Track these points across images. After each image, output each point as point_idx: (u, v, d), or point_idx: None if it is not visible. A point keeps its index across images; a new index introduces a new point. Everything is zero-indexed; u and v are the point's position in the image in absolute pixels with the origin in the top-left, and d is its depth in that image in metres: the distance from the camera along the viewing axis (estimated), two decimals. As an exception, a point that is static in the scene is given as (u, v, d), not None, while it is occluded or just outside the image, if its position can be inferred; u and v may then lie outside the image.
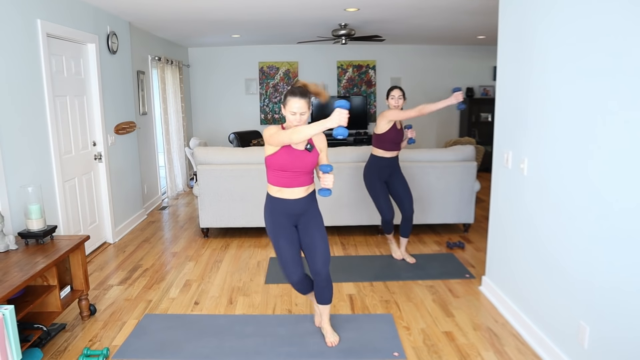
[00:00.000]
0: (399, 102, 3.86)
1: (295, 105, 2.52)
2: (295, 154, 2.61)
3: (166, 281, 3.89)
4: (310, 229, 2.75)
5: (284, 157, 2.60)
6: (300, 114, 2.54)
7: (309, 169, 2.66)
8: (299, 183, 2.66)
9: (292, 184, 2.66)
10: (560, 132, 2.52)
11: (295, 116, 2.54)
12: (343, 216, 4.83)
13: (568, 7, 2.42)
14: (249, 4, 4.71)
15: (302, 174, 2.65)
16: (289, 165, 2.61)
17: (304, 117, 2.56)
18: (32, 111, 3.58)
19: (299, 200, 2.69)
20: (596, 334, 2.24)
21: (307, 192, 2.72)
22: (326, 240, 2.77)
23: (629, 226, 2.01)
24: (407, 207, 4.08)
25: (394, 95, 3.86)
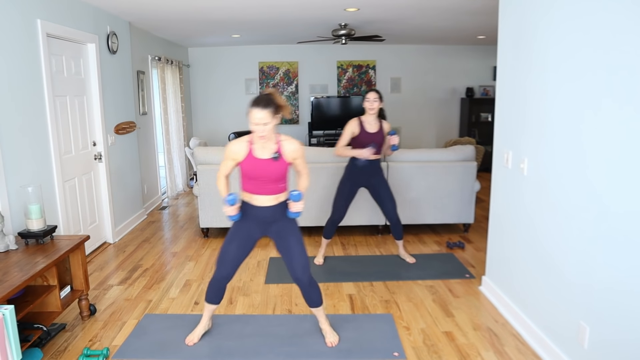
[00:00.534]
0: (374, 105, 3.81)
1: (257, 115, 2.46)
2: (259, 163, 2.59)
3: (166, 281, 3.89)
4: (285, 236, 2.74)
5: (247, 165, 2.60)
6: (264, 124, 2.48)
7: (277, 178, 2.62)
8: (267, 191, 2.64)
9: (260, 192, 2.64)
10: (559, 132, 2.52)
11: (258, 127, 2.49)
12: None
13: (567, 5, 2.42)
14: (249, 4, 4.71)
15: (269, 182, 2.62)
16: (253, 174, 2.60)
17: (267, 128, 2.49)
18: (32, 111, 3.58)
19: (268, 208, 2.68)
20: (596, 334, 2.24)
21: (278, 200, 2.69)
22: (302, 245, 2.76)
23: (628, 226, 2.01)
24: (391, 212, 4.03)
25: (369, 98, 3.81)
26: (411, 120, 9.00)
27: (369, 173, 3.96)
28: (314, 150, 4.85)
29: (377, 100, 3.81)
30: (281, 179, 2.66)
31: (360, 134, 3.89)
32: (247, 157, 2.60)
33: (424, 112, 9.01)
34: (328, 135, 8.55)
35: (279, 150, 2.61)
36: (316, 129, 8.57)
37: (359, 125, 3.89)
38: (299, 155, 2.68)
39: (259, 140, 2.57)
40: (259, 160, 2.59)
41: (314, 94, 8.75)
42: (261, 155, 2.59)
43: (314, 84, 8.80)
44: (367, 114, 3.88)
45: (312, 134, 8.57)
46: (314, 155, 4.82)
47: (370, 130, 3.88)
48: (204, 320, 2.97)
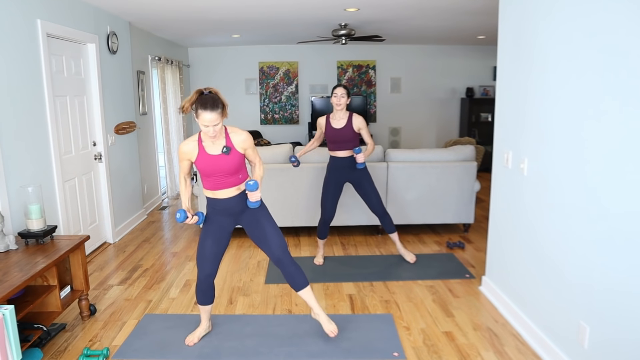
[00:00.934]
0: (341, 101, 3.80)
1: (207, 117, 2.46)
2: (212, 159, 2.58)
3: (166, 281, 3.89)
4: (257, 220, 2.75)
5: (201, 163, 2.59)
6: (214, 126, 2.49)
7: (233, 170, 2.62)
8: (227, 185, 2.64)
9: (221, 187, 2.64)
10: (559, 132, 2.52)
11: (208, 128, 2.50)
12: (343, 216, 4.83)
13: (568, 5, 2.42)
14: (249, 3, 4.71)
15: (227, 176, 2.62)
16: (209, 170, 2.60)
17: (217, 128, 2.51)
18: (32, 111, 3.58)
19: (233, 199, 2.68)
20: (596, 334, 2.24)
21: (240, 190, 2.69)
22: (275, 225, 2.79)
23: (628, 226, 2.01)
24: (375, 205, 4.01)
25: (337, 94, 3.81)
26: (411, 120, 9.00)
27: (349, 168, 3.96)
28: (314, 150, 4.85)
29: (344, 96, 3.81)
30: (238, 170, 2.65)
31: (326, 129, 3.92)
32: (199, 155, 2.60)
33: (424, 112, 9.01)
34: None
35: (229, 143, 2.61)
36: (316, 129, 8.56)
37: (325, 121, 3.92)
38: (249, 145, 2.67)
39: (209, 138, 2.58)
40: (211, 157, 2.59)
41: (314, 94, 8.75)
42: (212, 151, 2.60)
43: (314, 84, 8.80)
44: (334, 109, 3.88)
45: (312, 134, 8.57)
46: (314, 154, 4.82)
47: (335, 126, 3.88)
48: (204, 323, 2.97)
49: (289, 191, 4.76)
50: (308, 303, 2.91)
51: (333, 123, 3.89)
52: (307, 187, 4.77)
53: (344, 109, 3.86)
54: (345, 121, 3.86)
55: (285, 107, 8.84)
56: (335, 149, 3.93)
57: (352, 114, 3.88)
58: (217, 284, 3.80)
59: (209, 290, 2.85)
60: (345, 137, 3.86)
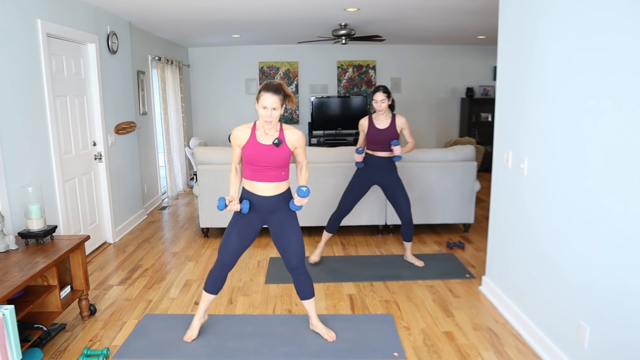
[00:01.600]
0: (382, 106, 3.78)
1: (268, 100, 2.53)
2: (261, 148, 2.62)
3: (166, 281, 3.89)
4: (284, 228, 2.78)
5: (249, 150, 2.63)
6: (272, 109, 2.53)
7: (279, 164, 2.65)
8: (269, 178, 2.66)
9: (262, 178, 2.66)
10: (559, 131, 2.52)
11: (266, 110, 2.54)
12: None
13: (568, 5, 2.41)
14: (249, 3, 4.71)
15: (270, 169, 2.65)
16: (255, 159, 2.63)
17: (275, 113, 2.55)
18: (32, 111, 3.58)
19: (269, 198, 2.70)
20: (596, 334, 2.24)
21: (278, 190, 2.71)
22: (300, 238, 2.81)
23: (628, 226, 2.01)
24: (405, 210, 3.99)
25: (376, 100, 3.79)
26: (411, 120, 8.95)
27: (382, 171, 3.95)
28: (314, 150, 4.86)
29: (384, 101, 3.79)
30: (282, 166, 2.67)
31: (369, 130, 3.90)
32: (249, 141, 2.63)
33: (424, 112, 9.01)
34: (328, 135, 8.56)
35: (282, 137, 2.64)
36: (316, 129, 8.57)
37: (368, 122, 3.91)
38: (300, 145, 2.71)
39: (263, 125, 2.60)
40: (261, 145, 2.62)
41: (314, 94, 8.75)
42: (263, 140, 2.63)
43: (314, 84, 8.80)
44: (377, 112, 3.89)
45: (312, 134, 8.57)
46: (314, 154, 4.82)
47: (379, 127, 3.89)
48: (199, 312, 2.96)
49: (289, 191, 4.75)
50: (308, 313, 2.97)
51: (377, 124, 3.89)
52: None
53: (387, 111, 3.87)
54: (389, 122, 3.88)
55: (285, 107, 8.82)
56: (376, 150, 3.93)
57: (394, 115, 3.90)
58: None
59: (220, 280, 2.86)
60: (389, 137, 3.87)
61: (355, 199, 4.04)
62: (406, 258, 4.22)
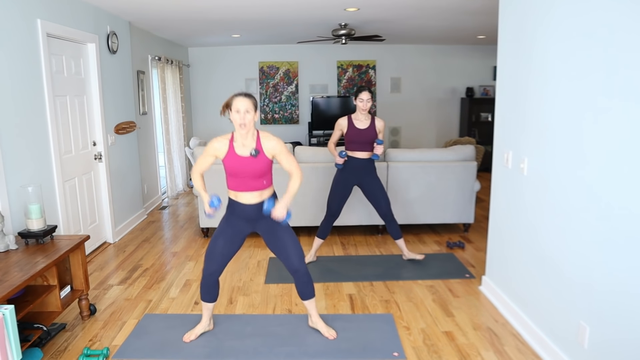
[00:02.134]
0: (367, 105, 3.80)
1: (240, 102, 2.55)
2: (240, 160, 2.63)
3: (166, 281, 3.89)
4: (276, 231, 2.78)
5: (229, 162, 2.65)
6: (245, 112, 2.54)
7: (259, 174, 2.65)
8: (251, 187, 2.68)
9: (244, 189, 2.68)
10: (559, 131, 2.52)
11: (239, 114, 2.55)
12: (343, 216, 4.82)
13: (567, 4, 2.41)
14: (249, 3, 4.71)
15: (251, 179, 2.66)
16: (236, 170, 2.64)
17: (248, 116, 2.55)
18: (32, 111, 3.58)
19: (253, 206, 2.72)
20: (596, 334, 2.24)
21: (262, 197, 2.72)
22: (295, 237, 2.82)
23: (628, 226, 2.01)
24: (385, 209, 3.98)
25: (363, 98, 3.80)
26: (411, 120, 9.00)
27: (361, 171, 3.95)
28: (314, 149, 4.86)
29: (370, 101, 3.83)
30: (263, 175, 2.68)
31: (349, 130, 3.91)
32: (227, 153, 2.65)
33: (424, 112, 9.01)
34: (328, 135, 8.55)
35: (259, 146, 2.65)
36: (316, 128, 8.57)
37: (347, 122, 3.91)
38: (279, 151, 2.68)
39: (239, 132, 2.61)
40: (240, 157, 2.63)
41: (314, 94, 8.75)
42: (241, 152, 2.64)
43: (314, 84, 8.80)
44: (358, 112, 3.89)
45: (312, 133, 8.57)
46: (311, 155, 4.82)
47: (359, 127, 3.89)
48: (204, 320, 2.97)
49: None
50: (309, 311, 2.98)
51: (356, 124, 3.90)
52: (308, 187, 4.77)
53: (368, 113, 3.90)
54: (369, 122, 3.90)
55: (285, 107, 8.84)
56: (355, 149, 3.93)
57: (374, 117, 3.93)
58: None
59: (213, 288, 2.86)
60: (368, 138, 3.88)
61: (341, 202, 4.03)
62: (405, 257, 4.22)
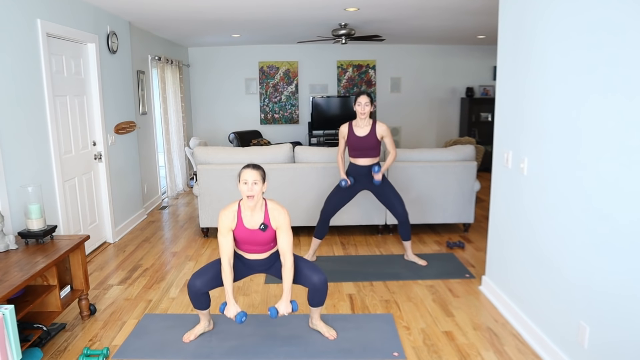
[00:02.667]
0: (365, 110, 3.77)
1: (248, 174, 2.60)
2: (248, 232, 2.71)
3: (166, 281, 3.89)
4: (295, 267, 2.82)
5: (238, 234, 2.73)
6: (253, 183, 2.59)
7: (267, 242, 2.75)
8: (259, 251, 2.79)
9: (252, 252, 2.79)
10: (559, 131, 2.52)
11: (247, 185, 2.60)
12: (343, 216, 4.83)
13: (567, 4, 2.41)
14: (249, 3, 4.71)
15: (261, 245, 2.76)
16: (245, 240, 2.74)
17: (256, 188, 2.60)
18: (32, 111, 3.58)
19: (260, 261, 2.83)
20: (596, 334, 2.24)
21: (270, 253, 2.82)
22: (308, 262, 2.86)
23: (627, 227, 2.01)
24: (400, 211, 3.98)
25: (361, 102, 3.77)
26: (411, 120, 9.00)
27: (365, 177, 3.95)
28: (314, 149, 4.85)
29: (368, 105, 3.78)
30: (272, 241, 2.78)
31: (349, 137, 3.88)
32: (237, 226, 2.73)
33: (424, 112, 9.01)
34: (328, 135, 8.56)
35: (267, 219, 2.70)
36: (316, 128, 8.58)
37: (348, 129, 3.88)
38: (283, 226, 2.71)
39: (247, 204, 2.65)
40: (248, 230, 2.71)
41: (314, 94, 8.75)
42: (250, 225, 2.71)
43: (314, 84, 8.80)
44: (357, 117, 3.86)
45: (312, 133, 8.57)
46: (311, 155, 4.82)
47: (359, 134, 3.86)
48: (203, 322, 2.98)
49: (288, 191, 4.75)
50: (312, 314, 2.99)
51: (356, 131, 3.86)
52: (307, 187, 4.77)
53: (368, 117, 3.84)
54: (368, 129, 3.85)
55: (285, 107, 8.84)
56: (357, 156, 3.91)
57: (375, 122, 3.87)
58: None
59: (200, 298, 2.83)
60: (369, 145, 3.85)
61: (338, 205, 4.03)
62: (407, 258, 4.22)
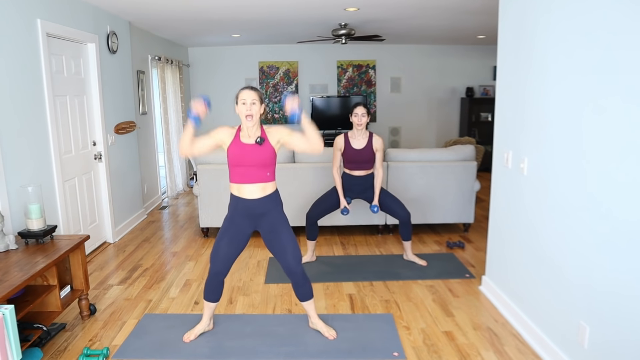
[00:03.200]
0: (362, 121, 3.76)
1: (246, 94, 2.62)
2: (245, 148, 2.67)
3: (166, 281, 3.89)
4: (277, 231, 2.79)
5: (234, 150, 2.68)
6: (252, 103, 2.61)
7: (263, 163, 2.68)
8: (254, 179, 2.70)
9: (247, 180, 2.70)
10: (559, 131, 2.52)
11: (246, 105, 2.61)
12: (343, 216, 4.82)
13: (567, 4, 2.41)
14: (249, 3, 4.71)
15: (255, 168, 2.68)
16: (240, 160, 2.67)
17: (255, 108, 2.62)
18: (32, 111, 3.58)
19: (257, 201, 2.74)
20: (596, 334, 2.24)
21: (265, 191, 2.74)
22: (294, 239, 2.82)
23: (628, 227, 2.01)
24: (401, 213, 3.97)
25: (357, 113, 3.75)
26: (411, 120, 9.00)
27: (361, 189, 3.95)
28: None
29: (364, 115, 3.76)
30: (267, 165, 2.71)
31: (345, 150, 3.86)
32: (233, 142, 2.69)
33: (424, 112, 9.01)
34: (328, 135, 8.55)
35: (263, 134, 2.70)
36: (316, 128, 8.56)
37: (344, 141, 3.86)
38: (285, 133, 2.70)
39: (246, 124, 2.66)
40: (245, 145, 2.67)
41: (314, 94, 8.75)
42: (247, 140, 2.69)
43: (314, 84, 8.80)
44: (354, 128, 3.83)
45: (312, 133, 8.56)
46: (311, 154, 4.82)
47: (356, 147, 3.83)
48: (204, 320, 2.97)
49: (288, 191, 4.75)
50: (308, 312, 2.99)
51: (353, 143, 3.84)
52: (307, 187, 4.77)
53: (364, 128, 3.83)
54: (365, 142, 3.83)
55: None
56: (353, 169, 3.90)
57: (372, 135, 3.86)
58: (217, 283, 3.80)
59: (218, 288, 2.86)
60: (365, 158, 3.84)
61: (327, 210, 4.01)
62: (406, 258, 4.21)
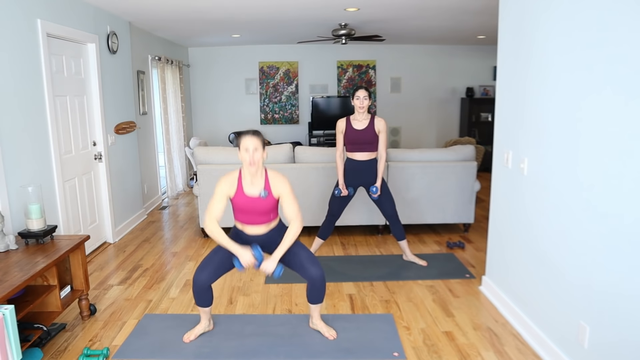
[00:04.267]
0: (364, 103, 3.79)
1: (248, 141, 2.61)
2: (248, 200, 2.69)
3: (166, 281, 3.89)
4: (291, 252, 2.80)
5: (238, 201, 2.71)
6: (254, 150, 2.61)
7: (267, 211, 2.72)
8: (259, 222, 2.75)
9: (252, 222, 2.75)
10: (559, 131, 2.52)
11: (248, 152, 2.61)
12: (343, 216, 4.82)
13: (567, 4, 2.41)
14: (249, 4, 4.71)
15: (260, 215, 2.73)
16: (245, 209, 2.71)
17: (257, 155, 2.61)
18: (32, 111, 3.58)
19: (260, 236, 2.80)
20: (596, 334, 2.24)
21: (269, 228, 2.80)
22: (310, 253, 2.83)
23: (628, 227, 2.01)
24: (389, 210, 3.96)
25: (359, 96, 3.79)
26: (411, 120, 9.00)
27: (363, 173, 3.94)
28: (313, 149, 4.85)
29: (366, 98, 3.80)
30: (271, 212, 2.76)
31: (347, 131, 3.89)
32: (236, 193, 2.70)
33: (424, 112, 9.01)
34: (328, 135, 8.56)
35: (267, 187, 2.70)
36: (316, 128, 8.57)
37: (345, 123, 3.89)
38: (285, 194, 2.72)
39: (248, 170, 2.65)
40: (248, 197, 2.69)
41: (314, 94, 8.75)
42: (250, 192, 2.69)
43: (314, 84, 8.80)
44: (356, 111, 3.87)
45: (312, 133, 8.57)
46: (311, 155, 4.82)
47: (357, 127, 3.87)
48: (203, 322, 2.97)
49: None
50: (312, 313, 2.99)
51: (354, 124, 3.87)
52: (307, 187, 4.77)
53: (366, 111, 3.85)
54: (367, 122, 3.85)
55: (285, 107, 8.84)
56: (354, 150, 3.90)
57: (374, 116, 3.88)
58: (217, 283, 3.80)
59: (205, 294, 2.83)
60: (366, 138, 3.84)
61: (342, 204, 4.02)
62: (406, 258, 4.21)
